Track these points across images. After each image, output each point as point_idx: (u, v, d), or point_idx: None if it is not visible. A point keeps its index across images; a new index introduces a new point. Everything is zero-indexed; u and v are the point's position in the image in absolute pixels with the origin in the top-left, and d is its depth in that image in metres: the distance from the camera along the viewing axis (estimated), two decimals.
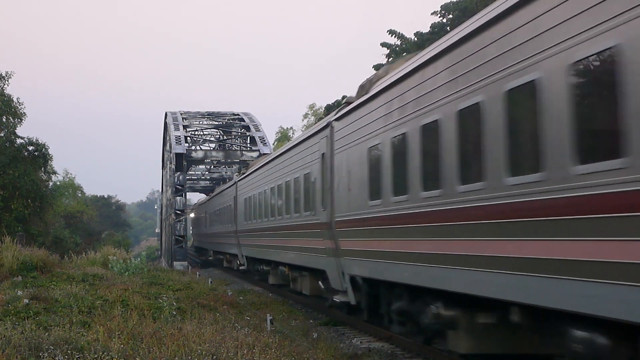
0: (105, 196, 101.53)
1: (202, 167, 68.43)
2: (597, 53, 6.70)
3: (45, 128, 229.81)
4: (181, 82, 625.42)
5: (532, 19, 7.75)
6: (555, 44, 7.27)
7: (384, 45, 35.31)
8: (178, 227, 46.35)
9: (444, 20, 33.14)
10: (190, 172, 64.29)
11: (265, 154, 43.37)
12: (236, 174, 43.22)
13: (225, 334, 12.13)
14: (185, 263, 44.68)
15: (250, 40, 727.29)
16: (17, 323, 12.71)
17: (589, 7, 6.75)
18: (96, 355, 9.86)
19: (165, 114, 55.24)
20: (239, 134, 54.41)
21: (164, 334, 11.64)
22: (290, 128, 70.58)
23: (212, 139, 58.00)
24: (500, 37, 8.44)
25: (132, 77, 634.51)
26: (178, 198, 46.58)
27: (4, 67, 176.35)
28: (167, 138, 53.02)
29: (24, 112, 39.33)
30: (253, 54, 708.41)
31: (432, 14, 33.81)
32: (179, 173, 46.51)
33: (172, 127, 50.37)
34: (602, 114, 6.81)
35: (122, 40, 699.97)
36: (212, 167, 67.09)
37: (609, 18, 6.47)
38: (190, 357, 9.90)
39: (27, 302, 15.68)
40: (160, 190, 73.01)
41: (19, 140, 39.47)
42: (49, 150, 40.22)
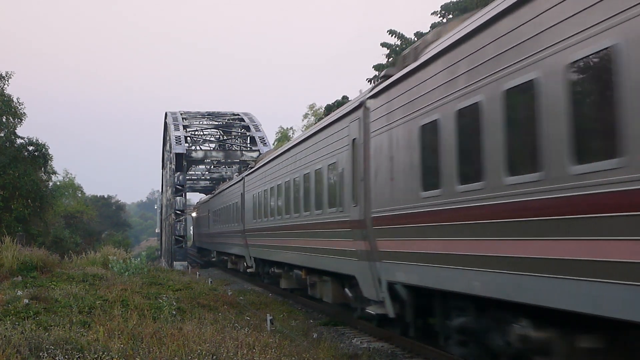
0: (105, 196, 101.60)
1: (202, 167, 68.47)
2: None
3: (45, 128, 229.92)
4: (181, 82, 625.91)
5: None
6: None
7: (384, 45, 35.26)
8: (178, 227, 46.36)
9: (444, 20, 33.11)
10: (190, 172, 64.32)
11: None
12: (242, 169, 43.26)
13: (225, 334, 12.13)
14: (185, 263, 44.70)
15: (250, 41, 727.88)
16: (17, 323, 12.72)
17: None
18: (96, 355, 9.87)
19: (165, 114, 55.25)
20: (239, 134, 54.42)
21: (164, 334, 11.65)
22: (290, 128, 70.56)
23: (212, 139, 58.01)
24: None
25: (132, 77, 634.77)
26: (178, 198, 46.58)
27: (4, 67, 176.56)
28: (167, 138, 53.03)
29: (24, 112, 39.40)
30: (253, 54, 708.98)
31: (432, 14, 33.75)
32: (179, 173, 46.51)
33: (172, 127, 50.37)
34: None
35: (122, 40, 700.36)
36: (212, 167, 67.12)
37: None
38: (190, 357, 9.90)
39: (27, 302, 15.69)
40: (160, 190, 73.05)
41: (19, 140, 39.52)
42: (49, 150, 40.29)
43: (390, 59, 34.72)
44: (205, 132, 57.78)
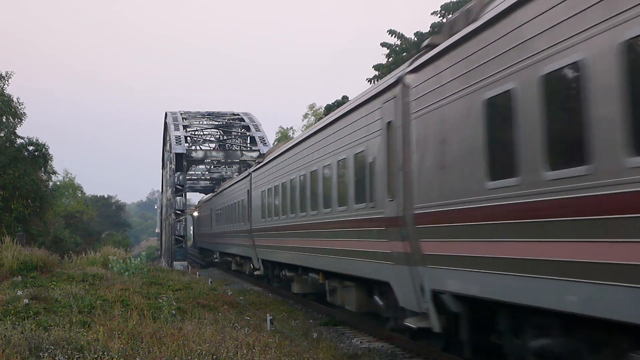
0: (105, 196, 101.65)
1: (202, 167, 68.48)
2: None
3: (45, 128, 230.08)
4: (181, 82, 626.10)
5: None
6: None
7: (384, 45, 35.26)
8: (178, 227, 46.36)
9: (444, 20, 33.12)
10: (190, 172, 64.33)
11: (265, 154, 43.32)
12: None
13: (225, 334, 12.13)
14: (185, 263, 44.69)
15: (250, 41, 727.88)
16: (17, 323, 12.72)
17: None
18: (96, 355, 9.87)
19: (165, 114, 55.25)
20: (239, 134, 54.42)
21: (164, 334, 11.65)
22: (290, 128, 70.58)
23: (212, 139, 58.03)
24: None
25: (132, 77, 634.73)
26: (178, 198, 46.58)
27: (4, 67, 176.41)
28: (167, 138, 53.03)
29: (24, 112, 39.43)
30: (253, 54, 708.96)
31: (432, 14, 33.78)
32: (179, 173, 46.51)
33: (172, 127, 50.37)
34: None
35: (122, 40, 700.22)
36: (212, 167, 67.12)
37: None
38: (190, 357, 9.90)
39: (27, 302, 15.69)
40: (160, 190, 73.03)
41: (19, 140, 39.53)
42: (49, 150, 40.31)
43: (390, 59, 34.73)
44: (205, 132, 57.80)
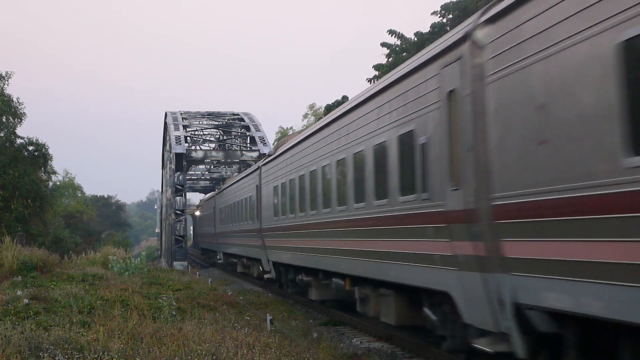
0: (105, 196, 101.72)
1: (202, 167, 68.46)
2: None
3: (45, 128, 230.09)
4: (181, 82, 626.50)
5: None
6: None
7: (384, 45, 35.27)
8: (178, 227, 46.35)
9: (444, 20, 33.13)
10: (190, 172, 64.31)
11: (265, 154, 43.34)
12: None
13: (225, 334, 12.13)
14: (185, 263, 44.67)
15: (250, 41, 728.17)
16: (17, 323, 12.72)
17: None
18: (96, 355, 9.87)
19: (165, 114, 55.23)
20: (239, 134, 54.39)
21: (164, 334, 11.65)
22: (290, 128, 70.64)
23: (212, 139, 57.99)
24: None
25: (132, 77, 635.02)
26: (178, 198, 46.55)
27: (4, 67, 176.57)
28: (167, 138, 53.00)
29: (24, 112, 39.51)
30: (253, 54, 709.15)
31: (432, 14, 33.77)
32: (179, 173, 46.49)
33: (172, 127, 50.36)
34: None
35: (122, 40, 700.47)
36: (212, 167, 67.10)
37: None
38: (190, 357, 9.89)
39: (27, 302, 15.69)
40: (160, 190, 73.01)
41: (19, 140, 39.59)
42: (49, 150, 40.36)
43: (390, 59, 34.73)
44: (205, 132, 57.77)
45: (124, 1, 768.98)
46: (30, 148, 39.75)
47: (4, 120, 38.69)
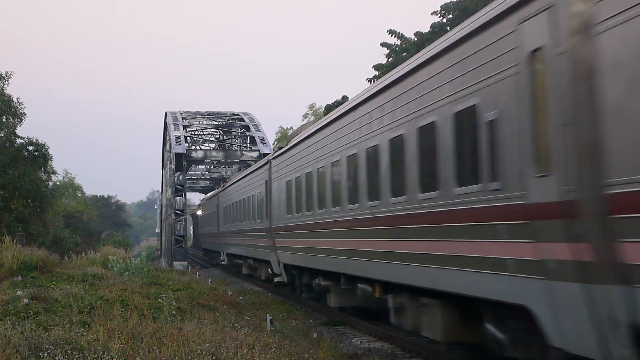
0: (105, 196, 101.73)
1: (202, 167, 68.51)
2: None
3: (45, 128, 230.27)
4: (181, 82, 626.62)
5: None
6: None
7: (384, 45, 35.27)
8: (178, 227, 46.37)
9: (444, 20, 33.13)
10: (190, 172, 64.34)
11: (265, 154, 43.32)
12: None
13: (225, 334, 12.13)
14: (185, 263, 44.72)
15: (250, 41, 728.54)
16: (17, 323, 12.72)
17: None
18: (96, 355, 9.87)
19: (165, 114, 55.26)
20: (239, 134, 54.43)
21: (164, 334, 11.65)
22: (290, 128, 70.61)
23: (212, 139, 58.04)
24: None
25: (132, 77, 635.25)
26: (178, 198, 46.58)
27: (4, 67, 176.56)
28: (167, 138, 53.03)
29: (24, 112, 39.53)
30: (253, 54, 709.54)
31: (432, 14, 33.78)
32: (178, 173, 46.51)
33: (172, 127, 50.38)
34: None
35: (122, 40, 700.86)
36: (212, 167, 67.13)
37: None
38: (190, 357, 9.90)
39: (27, 302, 15.69)
40: (160, 190, 73.06)
41: (19, 140, 39.61)
42: (48, 150, 40.38)
43: (390, 59, 34.72)
44: (205, 132, 57.81)
45: (124, 1, 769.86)
46: (30, 148, 39.78)
47: (4, 120, 38.71)
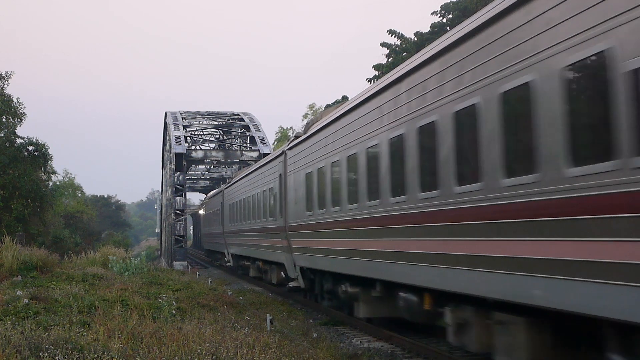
0: (105, 196, 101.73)
1: (202, 167, 68.53)
2: None
3: (45, 128, 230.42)
4: (181, 83, 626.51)
5: None
6: None
7: (383, 45, 35.28)
8: (178, 227, 46.36)
9: (444, 20, 33.15)
10: (190, 172, 64.35)
11: (265, 154, 43.31)
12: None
13: (225, 333, 12.13)
14: (185, 263, 44.70)
15: (250, 41, 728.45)
16: (17, 323, 12.71)
17: None
18: (96, 355, 9.87)
19: (165, 114, 55.25)
20: (239, 133, 54.41)
21: (164, 333, 11.65)
22: (290, 128, 70.64)
23: (212, 139, 58.03)
24: None
25: (132, 77, 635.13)
26: (178, 198, 46.56)
27: (4, 67, 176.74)
28: (167, 138, 53.00)
29: (24, 112, 39.58)
30: (253, 55, 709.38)
31: (432, 14, 33.81)
32: (178, 173, 46.50)
33: (172, 127, 50.37)
34: None
35: (121, 40, 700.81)
36: (212, 167, 67.14)
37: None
38: (190, 357, 9.89)
39: (27, 302, 15.68)
40: (160, 190, 73.04)
41: (19, 140, 39.63)
42: (48, 150, 40.39)
43: (390, 59, 34.73)
44: (205, 132, 57.79)
45: (124, 2, 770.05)
46: (30, 148, 39.79)
47: (4, 120, 38.73)
